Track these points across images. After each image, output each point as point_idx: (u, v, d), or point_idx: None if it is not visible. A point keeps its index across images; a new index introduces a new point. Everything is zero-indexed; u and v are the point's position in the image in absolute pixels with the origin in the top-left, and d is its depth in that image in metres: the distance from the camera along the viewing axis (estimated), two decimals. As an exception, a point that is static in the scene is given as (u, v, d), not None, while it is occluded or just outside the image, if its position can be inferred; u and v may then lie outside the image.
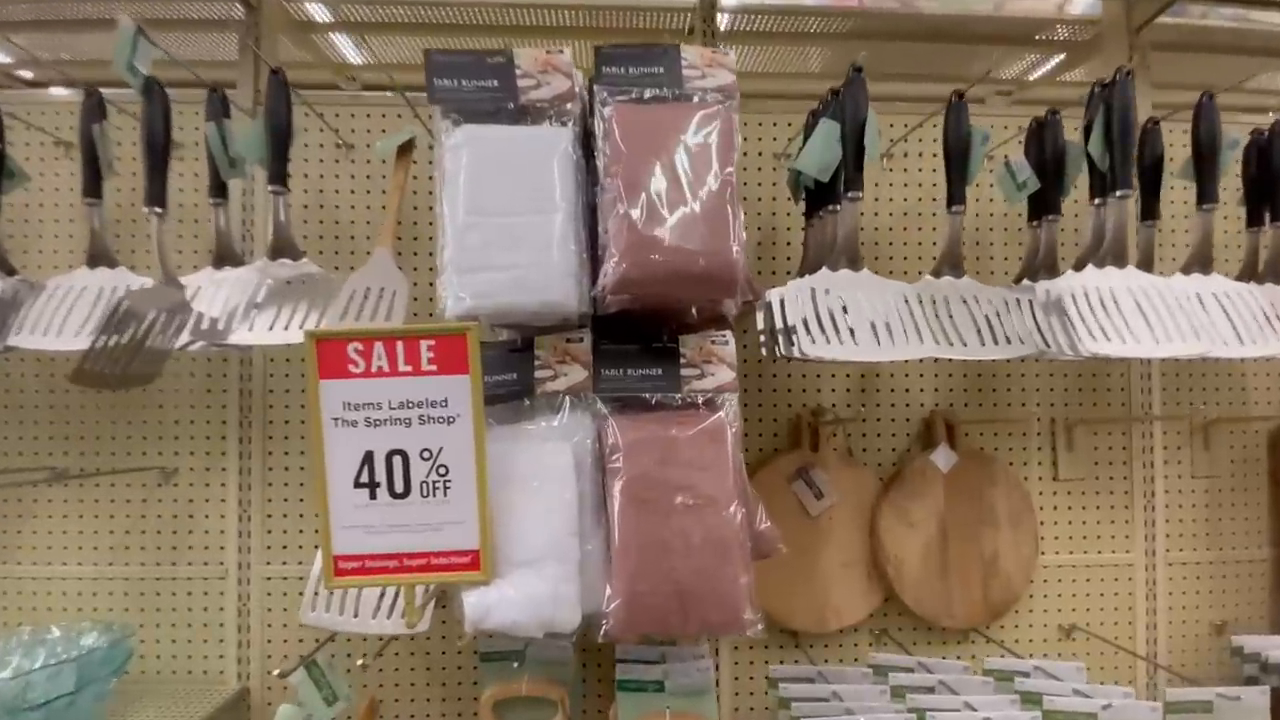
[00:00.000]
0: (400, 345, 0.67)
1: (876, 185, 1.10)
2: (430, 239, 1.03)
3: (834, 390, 1.09)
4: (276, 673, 0.75)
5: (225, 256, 0.91)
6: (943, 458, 1.04)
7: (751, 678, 1.07)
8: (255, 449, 1.04)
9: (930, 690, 0.87)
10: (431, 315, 1.01)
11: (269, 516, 1.04)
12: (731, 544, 0.66)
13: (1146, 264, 0.92)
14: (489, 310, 0.68)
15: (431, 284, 0.98)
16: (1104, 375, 1.13)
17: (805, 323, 0.76)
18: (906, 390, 1.10)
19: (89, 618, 1.03)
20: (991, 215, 1.11)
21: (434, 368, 0.67)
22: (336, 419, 0.68)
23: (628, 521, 0.66)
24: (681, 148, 0.68)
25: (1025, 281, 0.95)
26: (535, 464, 0.70)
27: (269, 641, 1.03)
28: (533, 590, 0.68)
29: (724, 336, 0.76)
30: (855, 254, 0.82)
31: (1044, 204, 0.95)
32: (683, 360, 0.75)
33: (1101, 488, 1.12)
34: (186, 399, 1.05)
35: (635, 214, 0.65)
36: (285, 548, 1.04)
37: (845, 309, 0.78)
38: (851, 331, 0.75)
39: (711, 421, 0.70)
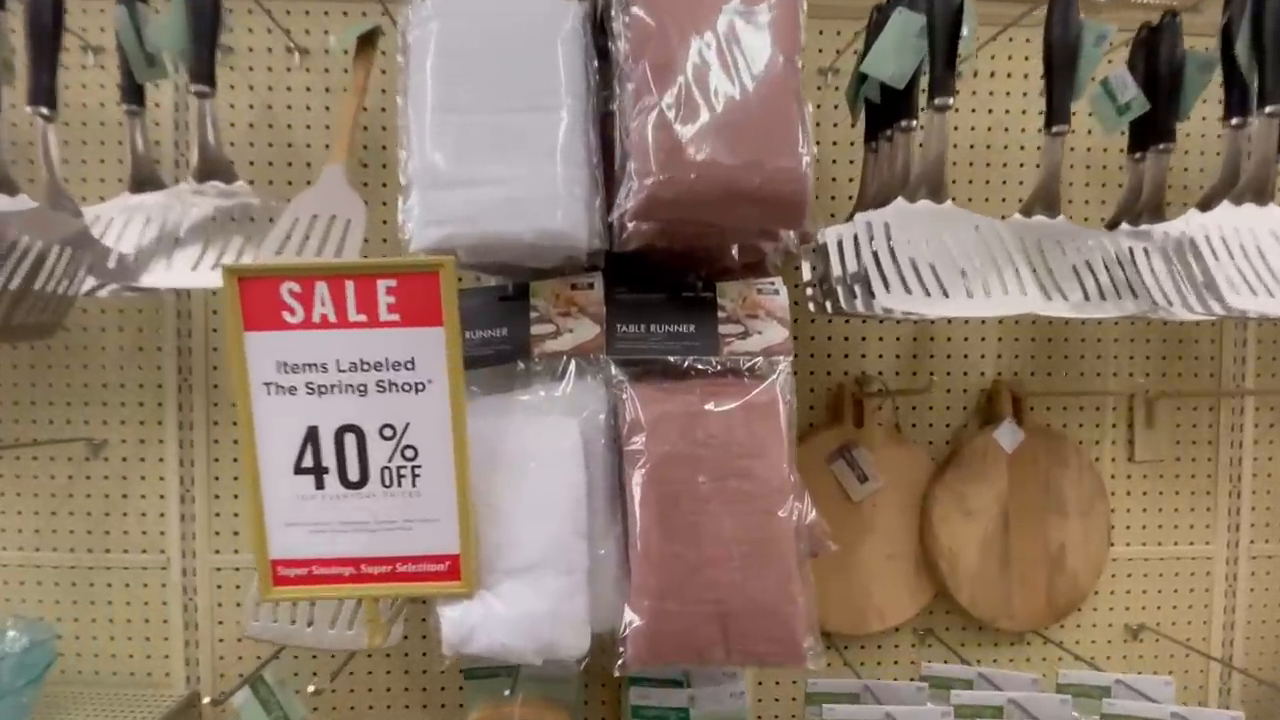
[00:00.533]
0: (350, 286, 0.50)
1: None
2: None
3: (881, 356, 0.93)
4: (209, 700, 0.61)
5: (144, 179, 0.73)
6: (1007, 435, 0.89)
7: (778, 682, 0.94)
8: (198, 417, 0.88)
9: (1000, 713, 0.74)
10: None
11: (216, 497, 0.88)
12: (786, 551, 0.51)
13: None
14: (468, 242, 0.51)
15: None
16: (1191, 342, 0.98)
17: (880, 267, 0.59)
18: (965, 356, 0.94)
19: (12, 610, 0.88)
20: (1072, 150, 0.94)
21: (396, 317, 0.50)
22: (269, 384, 0.52)
23: (652, 521, 0.51)
24: (728, 24, 0.50)
25: (1125, 226, 0.78)
26: (532, 446, 0.55)
27: (220, 640, 0.88)
28: (528, 607, 0.53)
29: (773, 284, 0.59)
30: (940, 181, 0.65)
31: (1151, 131, 0.78)
32: (721, 314, 0.58)
33: (1182, 470, 0.98)
34: (115, 358, 0.88)
35: (668, 109, 0.47)
36: (236, 534, 0.88)
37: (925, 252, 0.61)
38: (939, 280, 0.59)
39: (761, 392, 0.54)
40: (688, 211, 0.48)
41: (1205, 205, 0.72)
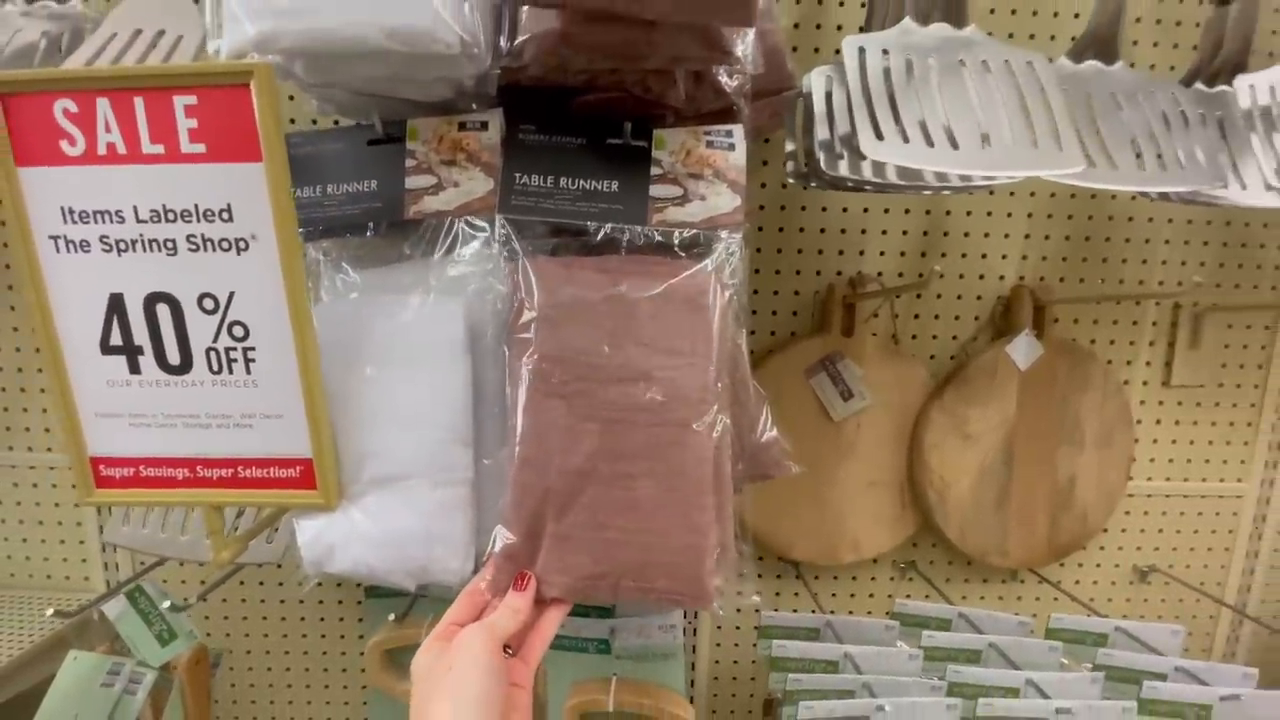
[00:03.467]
0: (140, 104, 0.37)
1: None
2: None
3: (882, 254, 0.79)
4: (52, 612, 0.53)
5: (-30, 1, 0.59)
6: (1023, 350, 0.76)
7: (739, 610, 0.87)
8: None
9: (977, 658, 0.65)
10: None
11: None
12: (697, 473, 0.40)
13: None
14: (293, 41, 0.37)
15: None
16: (1256, 247, 0.82)
17: (870, 108, 0.45)
18: (983, 256, 0.79)
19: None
20: (1145, -6, 0.75)
21: (201, 148, 0.38)
22: (58, 238, 0.40)
23: (534, 426, 0.40)
24: None
25: (1199, 86, 0.61)
26: (404, 332, 0.43)
27: (138, 544, 0.82)
28: (397, 523, 0.43)
29: (728, 134, 0.45)
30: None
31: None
32: (656, 170, 0.45)
33: (1223, 398, 0.85)
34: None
35: None
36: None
37: (937, 94, 0.46)
38: (949, 132, 0.44)
39: (689, 277, 0.41)
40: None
41: (1316, 49, 0.55)
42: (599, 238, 0.44)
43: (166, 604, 0.54)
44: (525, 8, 0.39)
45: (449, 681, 0.34)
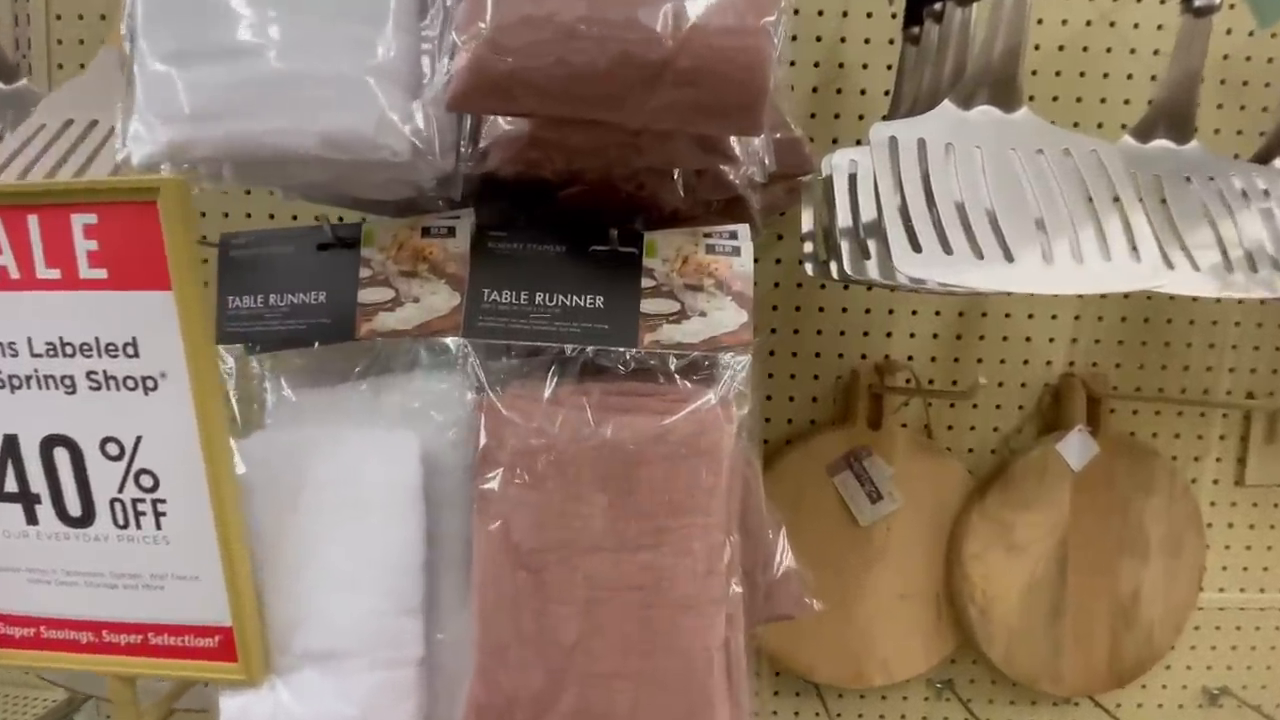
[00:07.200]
0: (33, 222, 0.32)
1: None
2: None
3: (912, 335, 0.71)
4: None
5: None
6: (1076, 448, 0.67)
7: (754, 728, 0.77)
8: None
9: (1034, 826, 0.55)
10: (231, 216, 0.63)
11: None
12: (702, 667, 0.32)
13: None
14: (209, 150, 0.31)
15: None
16: (1343, 333, 0.72)
17: (906, 212, 0.37)
18: (1028, 339, 0.71)
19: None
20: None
21: (102, 274, 0.32)
22: (-56, 369, 0.34)
23: (500, 613, 0.32)
24: None
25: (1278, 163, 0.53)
26: (348, 472, 0.36)
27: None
28: (330, 709, 0.36)
29: (731, 235, 0.39)
30: (1012, 77, 0.41)
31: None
32: (648, 282, 0.38)
33: (1306, 500, 0.74)
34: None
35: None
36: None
37: (985, 186, 0.39)
38: (999, 235, 0.36)
39: (693, 413, 0.34)
40: (548, 100, 0.27)
41: None
42: (579, 363, 0.37)
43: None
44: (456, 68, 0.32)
45: None
